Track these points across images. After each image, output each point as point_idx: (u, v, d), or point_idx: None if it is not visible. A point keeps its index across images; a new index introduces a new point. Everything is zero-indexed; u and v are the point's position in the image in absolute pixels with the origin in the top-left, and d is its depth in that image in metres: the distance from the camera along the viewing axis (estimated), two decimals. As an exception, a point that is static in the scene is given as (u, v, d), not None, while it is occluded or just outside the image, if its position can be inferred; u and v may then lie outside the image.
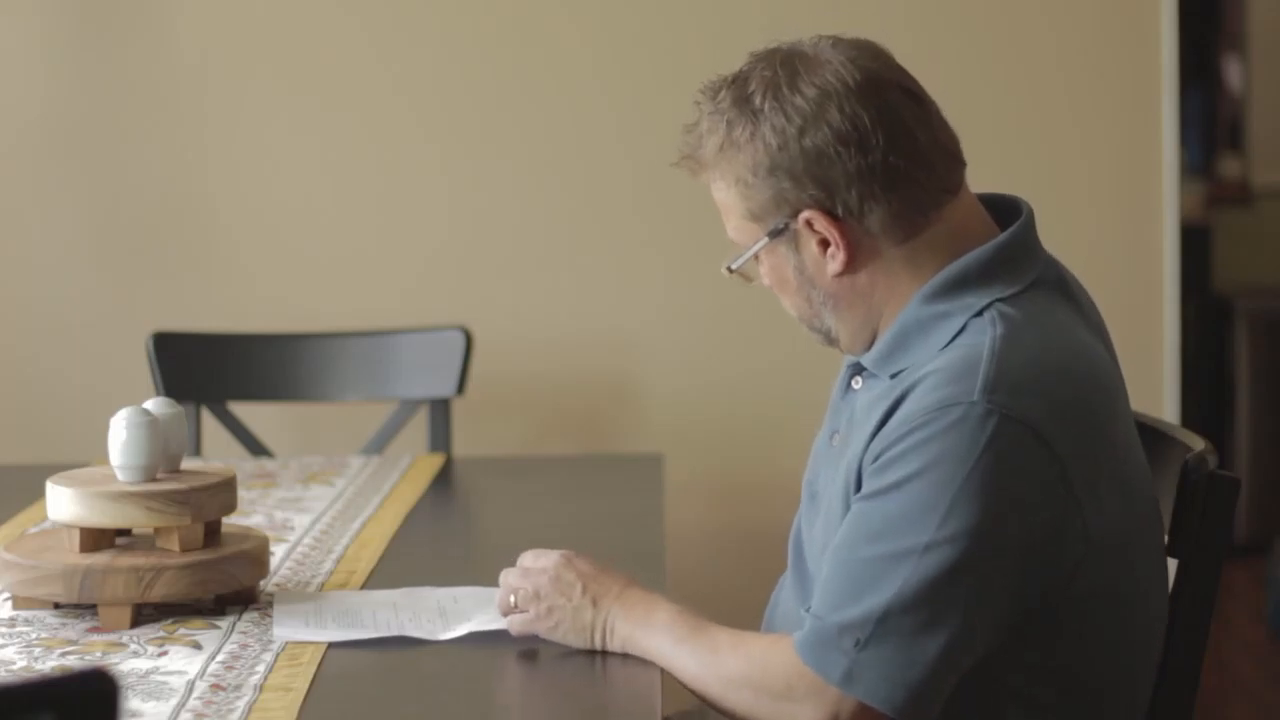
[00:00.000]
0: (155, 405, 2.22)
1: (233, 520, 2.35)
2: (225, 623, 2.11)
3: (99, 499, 2.13)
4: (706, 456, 3.79)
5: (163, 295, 3.79)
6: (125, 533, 2.21)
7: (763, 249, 1.97)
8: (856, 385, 2.01)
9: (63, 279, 3.80)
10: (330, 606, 2.17)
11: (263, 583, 2.26)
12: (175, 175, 3.80)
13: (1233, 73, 6.63)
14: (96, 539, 2.15)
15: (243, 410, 3.53)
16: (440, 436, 3.43)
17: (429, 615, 2.12)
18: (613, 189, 3.79)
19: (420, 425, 3.53)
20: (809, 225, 1.94)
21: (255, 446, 3.47)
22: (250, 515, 2.69)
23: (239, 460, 3.25)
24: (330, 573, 2.37)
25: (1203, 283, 6.13)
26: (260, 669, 1.94)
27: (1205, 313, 6.06)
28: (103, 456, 2.22)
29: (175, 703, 1.84)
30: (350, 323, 3.64)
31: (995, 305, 1.90)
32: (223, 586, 2.15)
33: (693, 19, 3.76)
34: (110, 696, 1.22)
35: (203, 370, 3.49)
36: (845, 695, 1.82)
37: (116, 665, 1.96)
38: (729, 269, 2.01)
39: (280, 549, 2.48)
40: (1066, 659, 1.89)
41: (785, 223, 1.95)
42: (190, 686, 1.89)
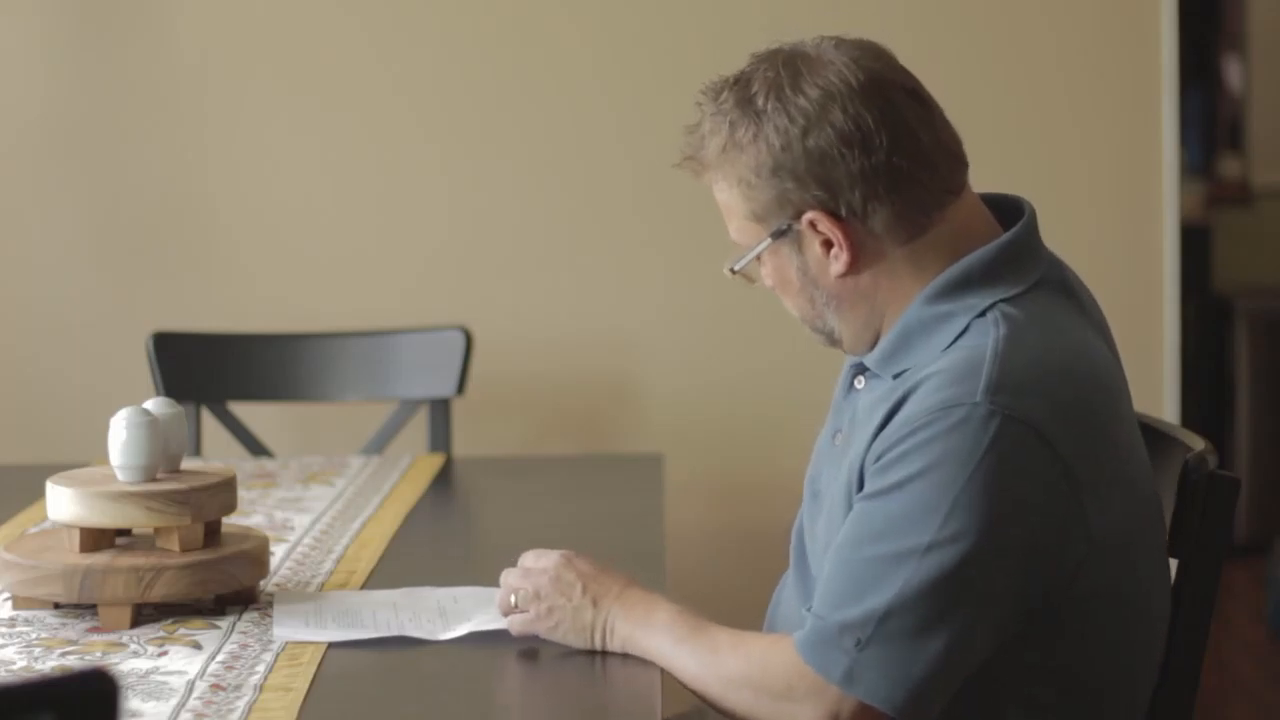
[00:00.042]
0: (155, 405, 2.22)
1: (233, 520, 2.35)
2: (225, 623, 2.11)
3: (99, 499, 2.13)
4: (706, 456, 3.79)
5: (163, 295, 3.79)
6: (125, 533, 2.21)
7: (766, 250, 1.97)
8: (859, 385, 2.01)
9: (63, 279, 3.80)
10: (330, 606, 2.17)
11: (263, 583, 2.25)
12: (175, 175, 3.80)
13: (1233, 73, 6.62)
14: (96, 539, 2.15)
15: (243, 410, 3.53)
16: (440, 436, 3.43)
17: (429, 615, 2.12)
18: (613, 189, 3.79)
19: (420, 425, 3.53)
20: (812, 226, 1.93)
21: (255, 446, 3.47)
22: (250, 515, 2.69)
23: (239, 460, 3.25)
24: (330, 573, 2.37)
25: (1203, 283, 6.13)
26: (260, 669, 1.94)
27: (1205, 313, 6.06)
28: (103, 456, 2.22)
29: (175, 703, 1.84)
30: (350, 323, 3.64)
31: (998, 306, 1.89)
32: (223, 586, 2.15)
33: (693, 19, 3.76)
34: (110, 696, 1.22)
35: (203, 370, 3.49)
36: (846, 695, 1.82)
37: (116, 665, 1.96)
38: (731, 270, 2.01)
39: (280, 549, 2.48)
40: (1067, 659, 1.89)
41: (788, 224, 1.94)
42: (190, 686, 1.89)
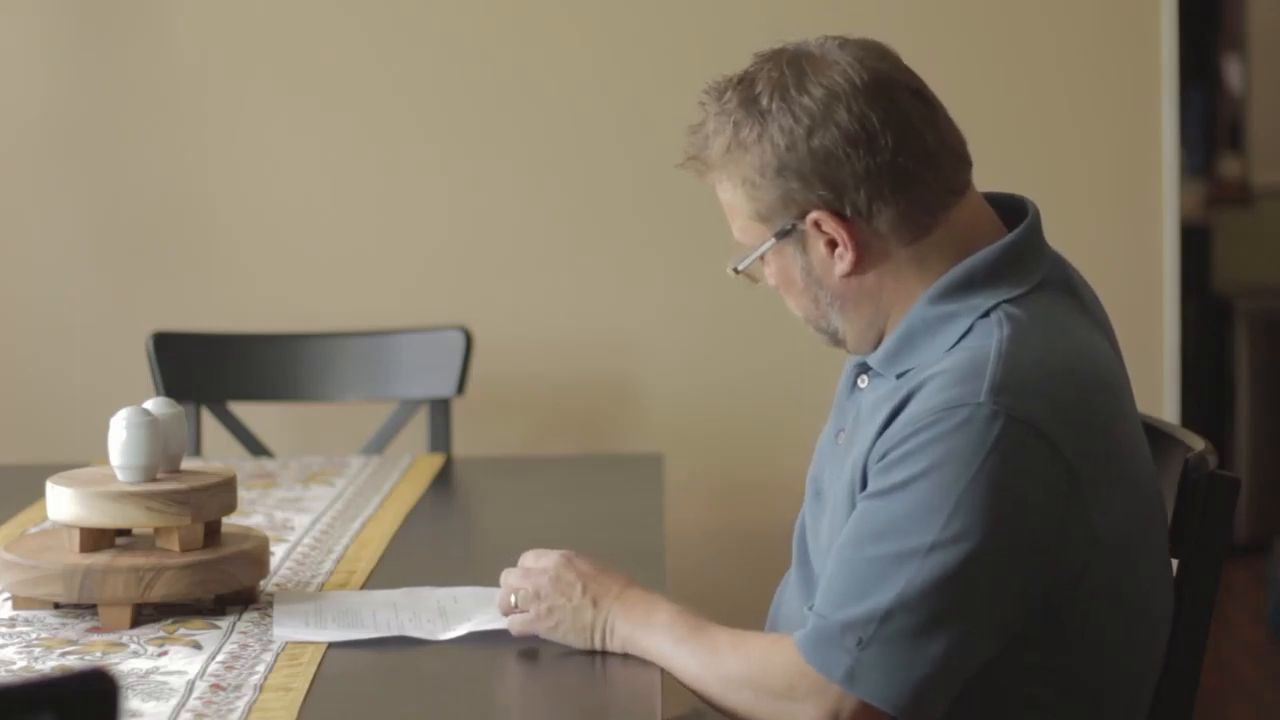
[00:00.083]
0: (155, 405, 2.22)
1: (233, 520, 2.35)
2: (225, 623, 2.11)
3: (99, 499, 2.13)
4: (706, 456, 3.79)
5: (163, 295, 3.79)
6: (125, 533, 2.21)
7: (770, 250, 1.97)
8: (862, 384, 2.01)
9: (63, 279, 3.80)
10: (330, 606, 2.17)
11: (263, 583, 2.25)
12: (175, 175, 3.80)
13: (1233, 73, 6.62)
14: (96, 539, 2.15)
15: (243, 410, 3.53)
16: (440, 436, 3.43)
17: (429, 615, 2.12)
18: (613, 189, 3.79)
19: (420, 425, 3.53)
20: (817, 226, 1.93)
21: (255, 446, 3.47)
22: (250, 515, 2.69)
23: (239, 460, 3.25)
24: (330, 573, 2.36)
25: (1203, 283, 6.13)
26: (260, 669, 1.94)
27: (1205, 313, 6.06)
28: (103, 456, 2.22)
29: (175, 703, 1.84)
30: (350, 323, 3.64)
31: (1002, 306, 1.89)
32: (223, 586, 2.15)
33: (693, 19, 3.76)
34: (110, 696, 1.22)
35: (203, 370, 3.49)
36: (847, 694, 1.82)
37: (116, 665, 1.96)
38: (735, 270, 2.01)
39: (280, 549, 2.48)
40: (1068, 659, 1.89)
41: (793, 223, 1.94)
42: (190, 686, 1.88)
